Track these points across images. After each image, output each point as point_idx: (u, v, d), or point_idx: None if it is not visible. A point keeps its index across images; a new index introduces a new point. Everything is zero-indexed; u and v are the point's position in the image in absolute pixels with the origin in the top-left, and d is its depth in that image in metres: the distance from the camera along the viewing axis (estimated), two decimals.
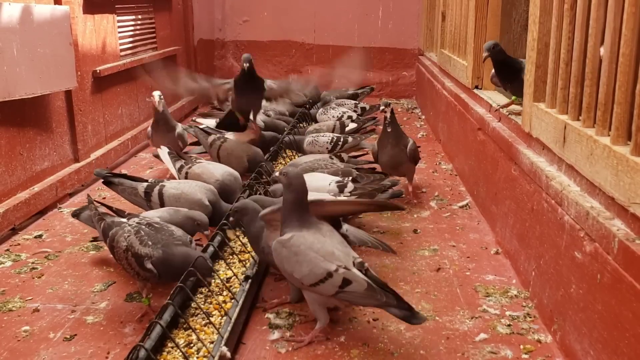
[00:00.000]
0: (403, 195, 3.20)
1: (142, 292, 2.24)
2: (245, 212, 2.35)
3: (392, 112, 3.33)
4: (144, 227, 2.20)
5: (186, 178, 3.08)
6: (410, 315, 1.91)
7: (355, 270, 1.95)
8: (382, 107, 3.34)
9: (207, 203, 2.71)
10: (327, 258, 1.96)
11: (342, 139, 3.95)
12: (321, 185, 2.86)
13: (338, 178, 2.95)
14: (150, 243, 2.13)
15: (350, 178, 2.97)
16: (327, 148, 3.90)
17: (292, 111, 4.96)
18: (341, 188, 2.86)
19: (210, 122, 4.45)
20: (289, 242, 2.01)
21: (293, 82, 3.99)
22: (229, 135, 3.97)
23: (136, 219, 2.28)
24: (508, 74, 2.93)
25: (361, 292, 1.92)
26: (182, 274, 2.08)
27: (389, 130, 3.32)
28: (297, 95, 5.36)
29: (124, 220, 2.30)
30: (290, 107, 5.02)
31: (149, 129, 3.86)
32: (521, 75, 2.77)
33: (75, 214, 2.67)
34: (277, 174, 2.16)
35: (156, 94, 3.70)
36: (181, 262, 2.11)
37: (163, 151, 3.38)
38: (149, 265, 2.10)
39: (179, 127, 3.83)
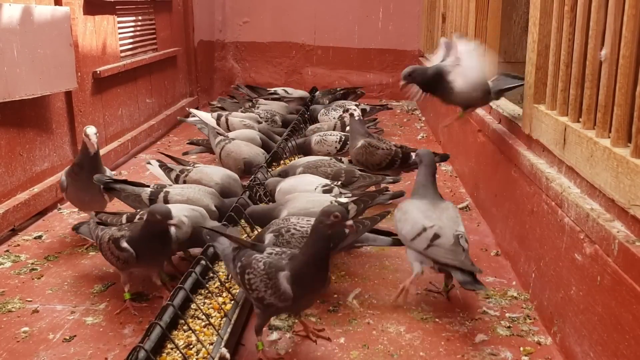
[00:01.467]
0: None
1: (125, 286, 2.29)
2: None
3: (351, 115, 3.45)
4: (124, 225, 2.32)
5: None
6: (470, 282, 2.10)
7: (451, 234, 2.19)
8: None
9: (214, 208, 2.71)
10: (427, 217, 2.24)
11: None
12: (307, 189, 2.85)
13: (326, 182, 2.93)
14: (125, 228, 2.25)
15: (339, 183, 2.95)
16: (335, 147, 3.87)
17: (286, 117, 4.93)
18: (327, 193, 2.84)
19: (205, 115, 4.45)
20: (402, 206, 2.39)
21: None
22: (232, 135, 3.96)
23: (122, 226, 2.35)
24: (433, 87, 2.74)
25: (447, 247, 2.16)
26: (160, 251, 2.22)
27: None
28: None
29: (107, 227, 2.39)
30: (287, 111, 5.02)
31: (63, 177, 2.89)
32: (443, 82, 2.66)
33: (76, 228, 2.63)
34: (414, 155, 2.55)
35: (91, 130, 2.75)
36: (157, 237, 2.20)
37: (153, 165, 3.26)
38: (124, 244, 2.17)
39: (108, 175, 2.91)
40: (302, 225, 2.32)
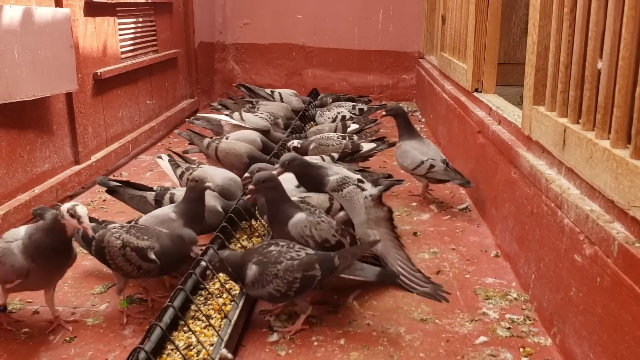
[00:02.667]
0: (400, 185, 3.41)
1: (120, 294, 2.26)
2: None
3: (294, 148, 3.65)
4: (130, 228, 2.26)
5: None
6: (462, 183, 3.31)
7: (440, 162, 3.29)
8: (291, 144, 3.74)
9: (221, 210, 2.71)
10: (422, 154, 3.33)
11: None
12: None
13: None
14: (146, 237, 2.20)
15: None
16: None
17: (289, 116, 4.96)
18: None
19: (218, 116, 4.43)
20: (400, 146, 3.45)
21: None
22: (232, 136, 3.95)
23: (116, 224, 2.31)
24: (311, 185, 2.80)
25: (441, 171, 3.28)
26: (181, 262, 2.19)
27: None
28: (297, 101, 5.43)
29: (101, 225, 2.32)
30: (288, 112, 5.02)
31: (20, 260, 2.03)
32: (324, 188, 2.74)
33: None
34: (384, 112, 3.64)
35: (83, 211, 2.05)
36: (179, 249, 2.20)
37: (163, 160, 3.31)
38: (153, 256, 2.14)
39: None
40: (293, 256, 2.12)
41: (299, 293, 2.10)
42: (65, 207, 2.00)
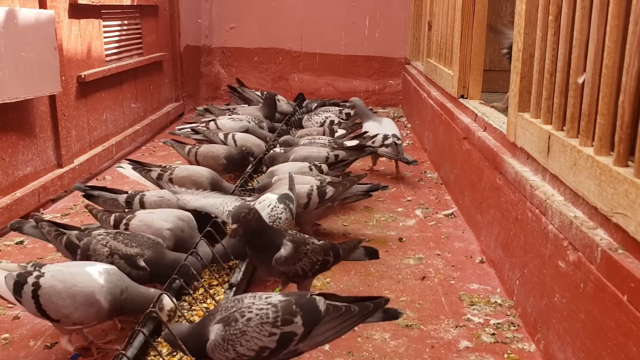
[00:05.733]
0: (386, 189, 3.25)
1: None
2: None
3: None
4: (117, 235, 2.23)
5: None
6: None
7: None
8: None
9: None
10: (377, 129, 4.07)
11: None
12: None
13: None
14: (134, 244, 2.18)
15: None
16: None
17: (273, 123, 4.96)
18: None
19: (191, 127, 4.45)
20: (365, 126, 4.31)
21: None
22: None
23: (101, 230, 2.27)
24: (260, 251, 2.22)
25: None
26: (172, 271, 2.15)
27: None
28: (288, 105, 5.45)
29: (84, 233, 2.27)
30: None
31: None
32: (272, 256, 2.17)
33: (16, 227, 2.35)
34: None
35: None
36: (173, 265, 2.17)
37: (126, 168, 3.23)
38: (142, 263, 2.14)
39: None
40: (259, 308, 1.71)
41: (314, 275, 2.29)
42: (167, 307, 1.91)
